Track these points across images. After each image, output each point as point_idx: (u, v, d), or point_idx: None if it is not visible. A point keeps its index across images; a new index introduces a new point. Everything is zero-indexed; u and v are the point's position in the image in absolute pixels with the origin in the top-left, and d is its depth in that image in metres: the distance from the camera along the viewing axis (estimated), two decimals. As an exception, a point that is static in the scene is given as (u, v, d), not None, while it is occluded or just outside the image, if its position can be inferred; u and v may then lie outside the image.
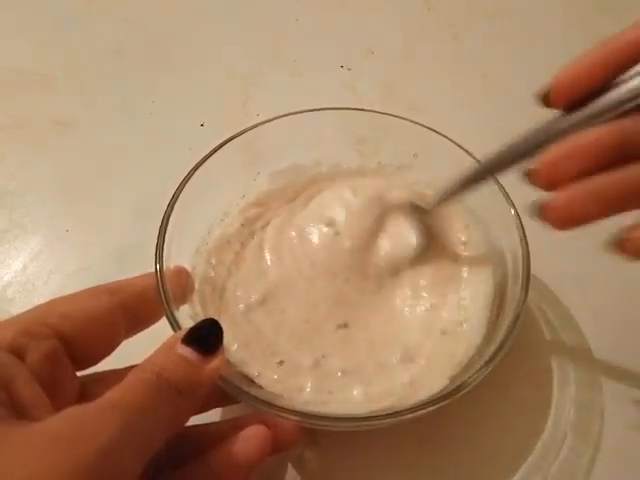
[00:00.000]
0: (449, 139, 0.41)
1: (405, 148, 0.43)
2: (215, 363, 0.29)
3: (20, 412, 0.24)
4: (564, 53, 0.62)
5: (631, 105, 0.27)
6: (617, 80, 0.28)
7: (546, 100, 0.29)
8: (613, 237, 0.27)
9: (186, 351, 0.28)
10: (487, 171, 0.34)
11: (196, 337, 0.29)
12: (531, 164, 0.28)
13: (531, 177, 0.28)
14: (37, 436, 0.22)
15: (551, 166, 0.28)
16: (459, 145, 0.41)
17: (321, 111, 0.43)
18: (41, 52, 0.64)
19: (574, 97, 0.28)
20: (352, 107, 0.43)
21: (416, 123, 0.42)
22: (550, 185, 0.28)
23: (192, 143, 0.40)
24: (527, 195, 0.30)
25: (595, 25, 0.66)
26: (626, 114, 0.27)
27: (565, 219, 0.27)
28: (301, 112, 0.43)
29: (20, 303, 0.43)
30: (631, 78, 0.27)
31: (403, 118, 0.43)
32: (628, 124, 0.27)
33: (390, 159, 0.45)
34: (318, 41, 0.66)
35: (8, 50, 0.64)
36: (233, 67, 0.62)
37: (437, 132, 0.42)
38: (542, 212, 0.28)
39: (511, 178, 0.36)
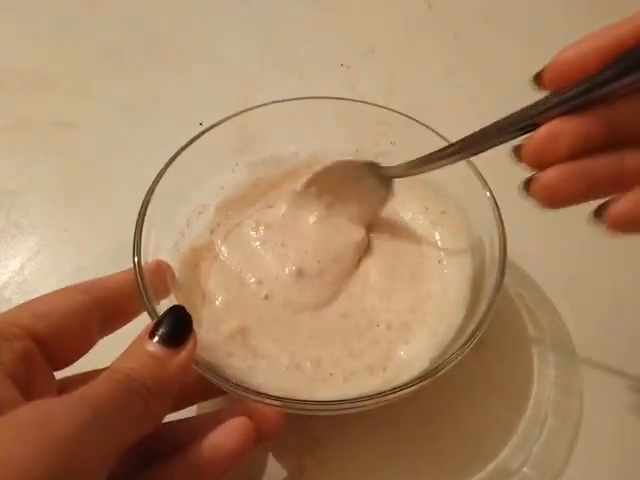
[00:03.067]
0: (427, 126, 0.41)
1: (382, 135, 0.43)
2: (183, 355, 0.28)
3: None
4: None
5: (625, 85, 0.25)
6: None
7: (539, 80, 0.28)
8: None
9: (152, 346, 0.28)
10: (471, 146, 0.32)
11: (161, 331, 0.28)
12: (519, 142, 0.27)
13: (518, 154, 0.28)
14: (4, 424, 0.22)
15: (539, 145, 0.27)
16: (437, 132, 0.41)
17: (299, 100, 0.44)
18: (41, 52, 0.64)
19: (569, 81, 0.27)
20: (330, 96, 0.44)
21: (393, 111, 0.42)
22: (537, 164, 0.27)
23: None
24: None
25: (595, 25, 0.64)
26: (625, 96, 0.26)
27: (552, 196, 0.27)
28: (281, 101, 0.44)
29: (17, 304, 0.44)
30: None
31: (380, 106, 0.43)
32: (620, 110, 0.26)
33: (368, 147, 0.45)
34: (318, 40, 0.66)
35: (8, 50, 0.65)
36: (233, 66, 0.63)
37: (414, 119, 0.42)
38: (530, 187, 0.27)
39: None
